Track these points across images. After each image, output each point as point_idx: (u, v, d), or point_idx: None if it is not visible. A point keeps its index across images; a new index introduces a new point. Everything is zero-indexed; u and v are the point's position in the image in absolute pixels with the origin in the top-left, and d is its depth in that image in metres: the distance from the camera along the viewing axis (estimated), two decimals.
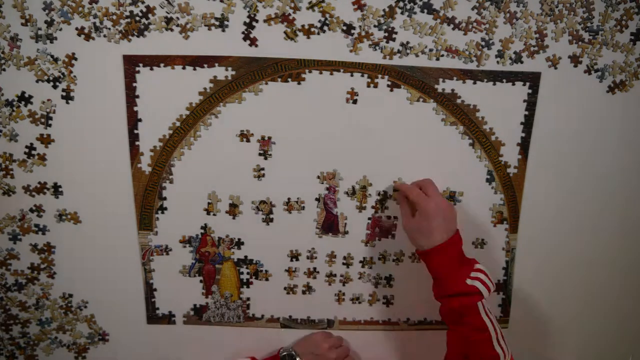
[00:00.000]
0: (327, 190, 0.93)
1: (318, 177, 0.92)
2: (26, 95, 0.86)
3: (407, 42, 0.87)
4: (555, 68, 0.89)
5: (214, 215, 0.93)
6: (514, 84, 0.89)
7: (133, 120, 0.88)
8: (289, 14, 0.84)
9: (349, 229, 0.95)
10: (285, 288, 0.98)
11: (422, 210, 0.81)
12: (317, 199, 0.93)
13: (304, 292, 0.98)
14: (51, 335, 0.98)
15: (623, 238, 0.99)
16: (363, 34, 0.86)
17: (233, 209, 0.93)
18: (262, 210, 0.93)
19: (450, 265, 0.79)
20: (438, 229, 0.79)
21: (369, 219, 0.95)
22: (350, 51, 0.87)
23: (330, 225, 0.95)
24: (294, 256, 0.96)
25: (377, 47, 0.87)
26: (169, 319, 0.98)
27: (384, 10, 0.85)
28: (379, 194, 0.93)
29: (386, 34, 0.86)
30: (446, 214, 0.81)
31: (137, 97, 0.87)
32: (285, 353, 0.93)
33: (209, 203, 0.92)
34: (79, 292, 0.97)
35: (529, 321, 1.02)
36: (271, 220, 0.94)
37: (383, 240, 0.96)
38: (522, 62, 0.88)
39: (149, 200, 0.92)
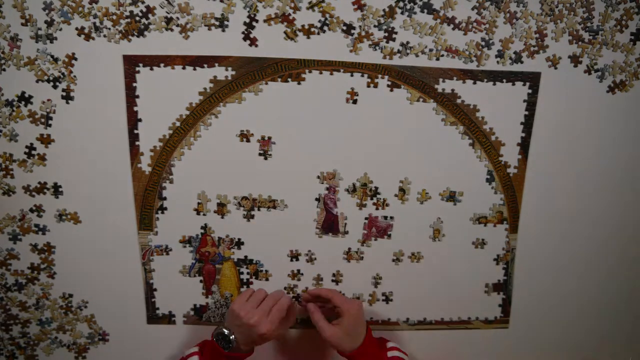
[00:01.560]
0: (327, 190, 0.93)
1: (318, 177, 0.92)
2: (26, 95, 0.86)
3: (407, 42, 0.87)
4: (555, 68, 0.89)
5: (205, 215, 0.93)
6: (514, 84, 0.89)
7: (133, 120, 0.88)
8: (289, 14, 0.84)
9: (349, 229, 0.95)
10: (285, 288, 0.97)
11: (351, 314, 0.85)
12: (317, 199, 0.93)
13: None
14: (51, 335, 0.98)
15: (623, 238, 0.99)
16: (363, 34, 0.86)
17: (221, 208, 0.93)
18: (259, 209, 0.93)
19: (375, 355, 0.86)
20: (363, 327, 0.87)
21: (366, 218, 0.95)
22: (350, 51, 0.87)
23: (330, 225, 0.95)
24: (294, 256, 0.96)
25: (377, 47, 0.87)
26: (169, 319, 0.98)
27: (384, 10, 0.85)
28: (378, 192, 0.93)
29: (386, 34, 0.86)
30: (362, 311, 0.88)
31: (137, 97, 0.87)
32: (216, 332, 0.86)
33: (199, 203, 0.92)
34: (79, 292, 0.97)
35: (529, 321, 1.02)
36: (271, 219, 0.94)
37: (379, 240, 0.96)
38: (522, 62, 0.88)
39: (149, 200, 0.92)
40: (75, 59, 0.85)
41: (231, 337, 0.84)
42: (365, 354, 0.85)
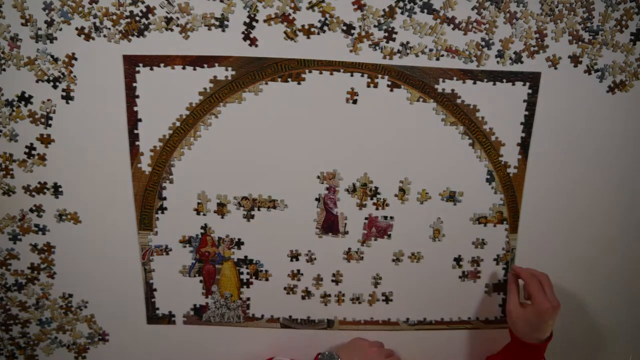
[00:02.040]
0: (327, 190, 0.93)
1: (318, 177, 0.92)
2: (26, 95, 0.86)
3: (407, 42, 0.87)
4: (555, 68, 0.89)
5: (205, 215, 0.93)
6: (514, 84, 0.89)
7: (133, 120, 0.88)
8: (289, 14, 0.84)
9: (349, 229, 0.95)
10: (285, 288, 0.97)
11: (538, 308, 0.84)
12: (317, 199, 0.93)
13: (303, 298, 0.98)
14: (51, 335, 0.98)
15: (623, 238, 0.99)
16: (363, 34, 0.86)
17: (221, 208, 0.93)
18: (259, 209, 0.93)
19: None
20: (549, 328, 0.87)
21: (366, 218, 0.95)
22: (350, 51, 0.87)
23: (330, 225, 0.95)
24: (294, 256, 0.96)
25: (377, 47, 0.87)
26: (169, 319, 0.98)
27: (384, 10, 0.85)
28: (378, 192, 0.93)
29: (386, 34, 0.86)
30: (554, 316, 0.86)
31: (137, 97, 0.87)
32: (326, 353, 0.91)
33: (199, 203, 0.92)
34: (79, 292, 0.97)
35: None
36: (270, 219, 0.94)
37: (379, 240, 0.96)
38: (522, 62, 0.88)
39: (149, 200, 0.92)
40: (75, 59, 0.85)
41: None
42: (528, 351, 0.87)
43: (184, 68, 0.86)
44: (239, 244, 0.95)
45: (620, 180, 0.96)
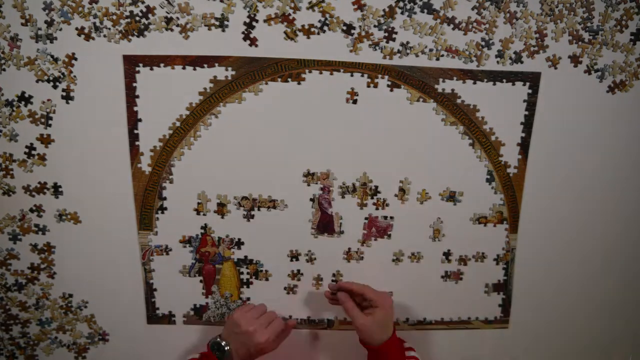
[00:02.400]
0: (321, 191, 0.93)
1: (312, 177, 0.92)
2: (26, 95, 0.86)
3: (407, 42, 0.87)
4: (555, 68, 0.89)
5: (205, 215, 0.93)
6: (514, 84, 0.89)
7: (133, 120, 0.88)
8: (289, 14, 0.84)
9: (345, 228, 0.95)
10: (285, 288, 0.97)
11: (385, 306, 0.85)
12: (312, 199, 0.93)
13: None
14: (51, 335, 0.98)
15: (623, 238, 0.99)
16: (363, 34, 0.86)
17: (221, 208, 0.93)
18: (259, 209, 0.93)
19: (398, 352, 0.86)
20: (392, 321, 0.87)
21: (366, 218, 0.95)
22: (350, 51, 0.87)
23: (325, 225, 0.95)
24: (294, 256, 0.96)
25: (377, 47, 0.87)
26: (169, 319, 0.98)
27: (384, 10, 0.85)
28: (378, 192, 0.93)
29: (386, 34, 0.86)
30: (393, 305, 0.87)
31: (137, 97, 0.87)
32: (212, 341, 0.86)
33: (199, 203, 0.92)
34: (79, 292, 0.97)
35: (529, 321, 1.02)
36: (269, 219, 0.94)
37: (379, 240, 0.96)
38: (522, 62, 0.88)
39: (149, 200, 0.92)
40: (75, 59, 0.85)
41: (226, 348, 0.84)
42: (391, 348, 0.85)
43: (184, 68, 0.86)
44: (239, 244, 0.95)
45: (621, 180, 0.96)
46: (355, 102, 0.89)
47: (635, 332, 1.05)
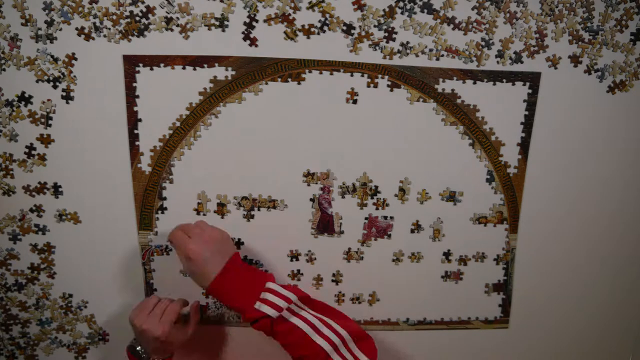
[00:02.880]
0: (321, 191, 0.93)
1: (312, 177, 0.92)
2: (26, 95, 0.86)
3: (407, 42, 0.87)
4: (555, 68, 0.89)
5: (205, 215, 0.93)
6: (514, 84, 0.89)
7: (133, 120, 0.88)
8: (289, 14, 0.84)
9: (345, 228, 0.95)
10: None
11: (184, 254, 0.78)
12: (312, 199, 0.93)
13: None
14: (51, 335, 0.98)
15: (623, 237, 0.99)
16: (363, 34, 0.86)
17: (221, 208, 0.93)
18: (259, 209, 0.93)
19: (236, 292, 0.78)
20: (209, 263, 0.78)
21: (366, 218, 0.95)
22: (350, 51, 0.87)
23: (325, 225, 0.95)
24: (294, 256, 0.96)
25: (377, 47, 0.87)
26: None
27: (384, 10, 0.85)
28: (378, 192, 0.93)
29: (386, 34, 0.86)
30: (211, 246, 0.78)
31: (137, 97, 0.87)
32: (128, 345, 0.87)
33: (199, 203, 0.92)
34: (79, 292, 0.97)
35: (529, 321, 1.02)
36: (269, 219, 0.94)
37: (379, 240, 0.96)
38: (522, 62, 0.88)
39: (149, 200, 0.92)
40: (75, 59, 0.85)
41: (137, 348, 0.85)
42: (219, 287, 0.78)
43: (184, 68, 0.86)
44: (239, 244, 0.95)
45: (621, 179, 0.96)
46: (355, 102, 0.89)
47: (635, 333, 1.05)
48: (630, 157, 0.95)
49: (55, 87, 0.86)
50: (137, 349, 0.86)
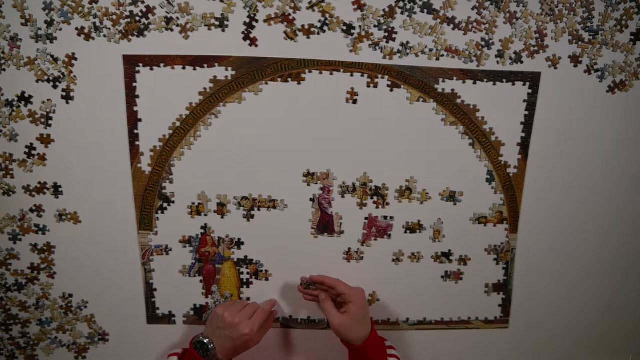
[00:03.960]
0: (321, 191, 0.93)
1: (312, 177, 0.92)
2: (26, 95, 0.86)
3: (407, 42, 0.87)
4: (555, 68, 0.89)
5: (205, 215, 0.93)
6: (514, 84, 0.89)
7: (133, 120, 0.88)
8: (289, 14, 0.84)
9: (345, 228, 0.95)
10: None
11: (358, 301, 0.85)
12: (312, 200, 0.93)
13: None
14: (51, 335, 0.98)
15: (623, 237, 0.99)
16: (363, 34, 0.86)
17: (221, 208, 0.93)
18: (259, 209, 0.93)
19: (380, 350, 0.86)
20: (369, 316, 0.86)
21: (366, 218, 0.95)
22: (350, 51, 0.87)
23: (325, 225, 0.95)
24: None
25: (377, 47, 0.87)
26: (169, 319, 0.98)
27: (384, 10, 0.85)
28: (378, 192, 0.93)
29: (386, 34, 0.86)
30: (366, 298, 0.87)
31: (137, 97, 0.87)
32: (196, 339, 0.86)
33: (199, 203, 0.92)
34: (79, 292, 0.97)
35: (529, 321, 1.02)
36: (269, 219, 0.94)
37: (379, 240, 0.96)
38: (522, 62, 0.88)
39: (149, 200, 0.92)
40: (75, 59, 0.85)
41: (210, 346, 0.84)
42: (372, 345, 0.84)
43: (184, 68, 0.86)
44: (239, 244, 0.95)
45: (621, 179, 0.96)
46: (355, 102, 0.89)
47: (635, 333, 1.05)
48: (630, 157, 0.94)
49: (55, 87, 0.86)
50: (206, 342, 0.84)
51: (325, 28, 0.85)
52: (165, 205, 0.92)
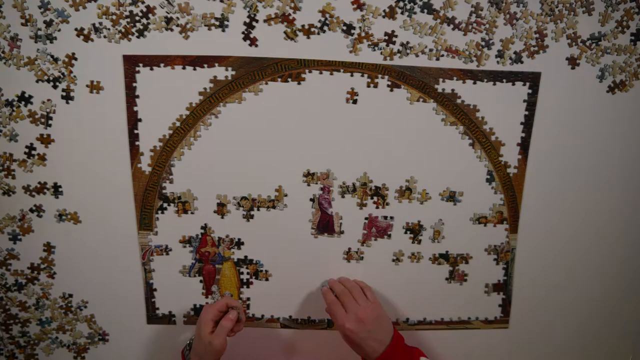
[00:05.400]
0: (321, 191, 0.93)
1: (312, 177, 0.92)
2: (26, 95, 0.86)
3: (407, 42, 0.86)
4: (555, 68, 0.89)
5: (192, 213, 0.93)
6: (514, 84, 0.89)
7: (133, 120, 0.88)
8: (289, 14, 0.84)
9: (345, 228, 0.95)
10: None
11: (341, 332, 0.81)
12: (312, 200, 0.93)
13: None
14: (51, 335, 0.98)
15: (624, 237, 0.99)
16: (363, 34, 0.86)
17: (221, 208, 0.93)
18: (258, 209, 0.93)
19: None
20: (366, 345, 0.79)
21: (366, 218, 0.95)
22: (350, 51, 0.87)
23: (325, 225, 0.95)
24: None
25: (377, 48, 0.87)
26: (169, 319, 0.98)
27: (384, 10, 0.85)
28: (378, 192, 0.93)
29: (386, 37, 0.86)
30: (368, 326, 0.80)
31: (137, 97, 0.87)
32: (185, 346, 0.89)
33: (185, 201, 0.92)
34: (79, 292, 0.97)
35: (529, 321, 1.02)
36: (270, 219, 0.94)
37: (379, 240, 0.96)
38: (522, 62, 0.88)
39: (149, 200, 0.92)
40: (75, 59, 0.85)
41: (189, 346, 0.87)
42: (392, 355, 0.79)
43: (184, 68, 0.86)
44: (239, 244, 0.95)
45: (621, 179, 0.96)
46: (355, 102, 0.89)
47: (635, 332, 1.05)
48: (630, 157, 0.94)
49: (55, 87, 0.86)
50: (189, 341, 0.87)
51: (325, 28, 0.85)
52: (165, 205, 0.92)
